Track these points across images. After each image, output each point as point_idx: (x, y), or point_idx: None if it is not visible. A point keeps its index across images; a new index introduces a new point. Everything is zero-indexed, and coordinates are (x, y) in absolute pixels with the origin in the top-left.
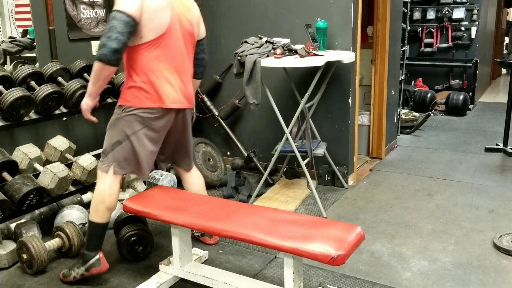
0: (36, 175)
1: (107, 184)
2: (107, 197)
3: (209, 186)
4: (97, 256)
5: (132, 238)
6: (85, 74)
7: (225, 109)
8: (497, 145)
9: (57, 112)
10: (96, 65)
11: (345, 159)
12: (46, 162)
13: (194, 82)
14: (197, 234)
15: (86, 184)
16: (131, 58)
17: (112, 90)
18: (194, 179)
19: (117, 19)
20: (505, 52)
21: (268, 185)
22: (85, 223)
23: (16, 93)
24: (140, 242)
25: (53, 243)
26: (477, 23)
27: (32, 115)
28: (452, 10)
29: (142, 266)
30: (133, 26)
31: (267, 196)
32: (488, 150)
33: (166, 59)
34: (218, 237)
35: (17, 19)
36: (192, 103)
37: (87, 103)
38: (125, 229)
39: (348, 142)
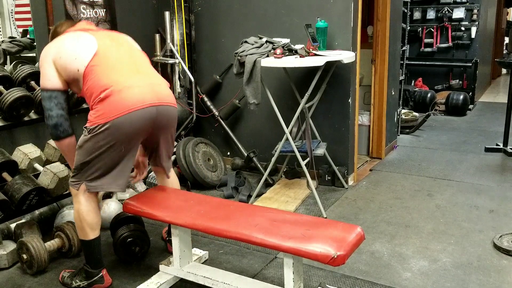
0: (36, 175)
1: (82, 203)
2: (85, 216)
3: (209, 186)
4: (100, 274)
5: (128, 239)
6: None
7: (225, 109)
8: (497, 145)
9: None
10: (55, 144)
11: (345, 159)
12: (46, 162)
13: None
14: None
15: None
16: (86, 90)
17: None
18: (171, 181)
19: (42, 98)
20: (505, 52)
21: (268, 185)
22: None
23: (16, 93)
24: (136, 242)
25: (53, 243)
26: (477, 23)
27: (32, 115)
28: (452, 10)
29: (142, 266)
30: (57, 96)
31: (267, 196)
32: (488, 150)
33: (115, 67)
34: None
35: (17, 19)
36: (168, 100)
37: None
38: (120, 231)
39: (348, 142)
